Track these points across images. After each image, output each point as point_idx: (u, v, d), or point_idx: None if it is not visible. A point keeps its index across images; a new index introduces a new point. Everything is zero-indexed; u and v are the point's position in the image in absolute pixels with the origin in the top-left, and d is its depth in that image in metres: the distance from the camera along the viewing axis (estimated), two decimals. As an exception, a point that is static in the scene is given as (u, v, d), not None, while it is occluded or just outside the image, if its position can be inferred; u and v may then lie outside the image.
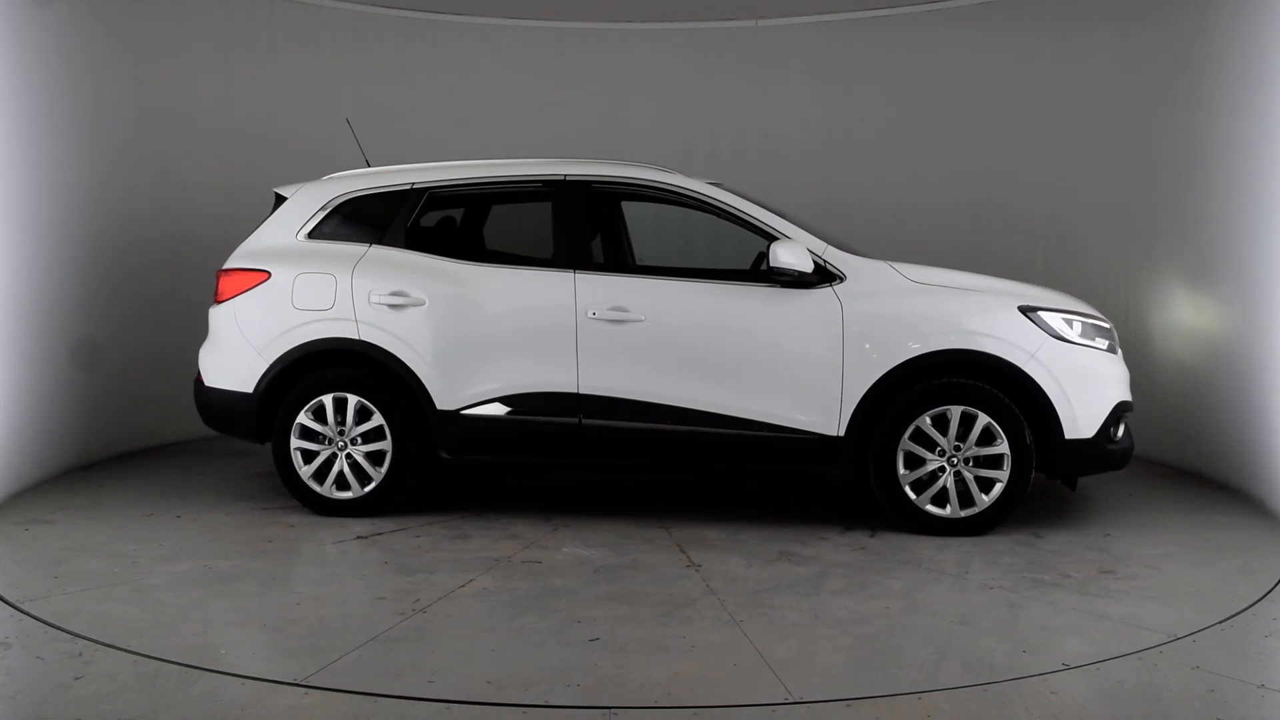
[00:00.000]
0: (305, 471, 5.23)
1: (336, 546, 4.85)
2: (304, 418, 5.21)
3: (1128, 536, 4.93)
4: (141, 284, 6.71)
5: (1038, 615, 3.91)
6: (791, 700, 3.17)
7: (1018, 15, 7.27)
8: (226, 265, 5.47)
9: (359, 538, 4.96)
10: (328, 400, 5.20)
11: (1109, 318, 5.40)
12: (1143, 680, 3.37)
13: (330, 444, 5.23)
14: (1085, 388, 4.82)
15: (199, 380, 5.51)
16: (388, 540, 4.93)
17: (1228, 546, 4.77)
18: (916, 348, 4.79)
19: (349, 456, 5.22)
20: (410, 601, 4.07)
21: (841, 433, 4.86)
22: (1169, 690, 3.30)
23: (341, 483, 5.23)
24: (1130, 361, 6.24)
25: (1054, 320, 4.86)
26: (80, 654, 3.52)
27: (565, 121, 8.21)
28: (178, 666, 3.42)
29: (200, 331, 5.93)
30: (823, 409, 4.86)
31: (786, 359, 4.88)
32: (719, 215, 5.10)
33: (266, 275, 5.30)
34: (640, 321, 4.96)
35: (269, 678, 3.35)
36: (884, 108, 7.79)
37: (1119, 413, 4.93)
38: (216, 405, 5.43)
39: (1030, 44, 7.23)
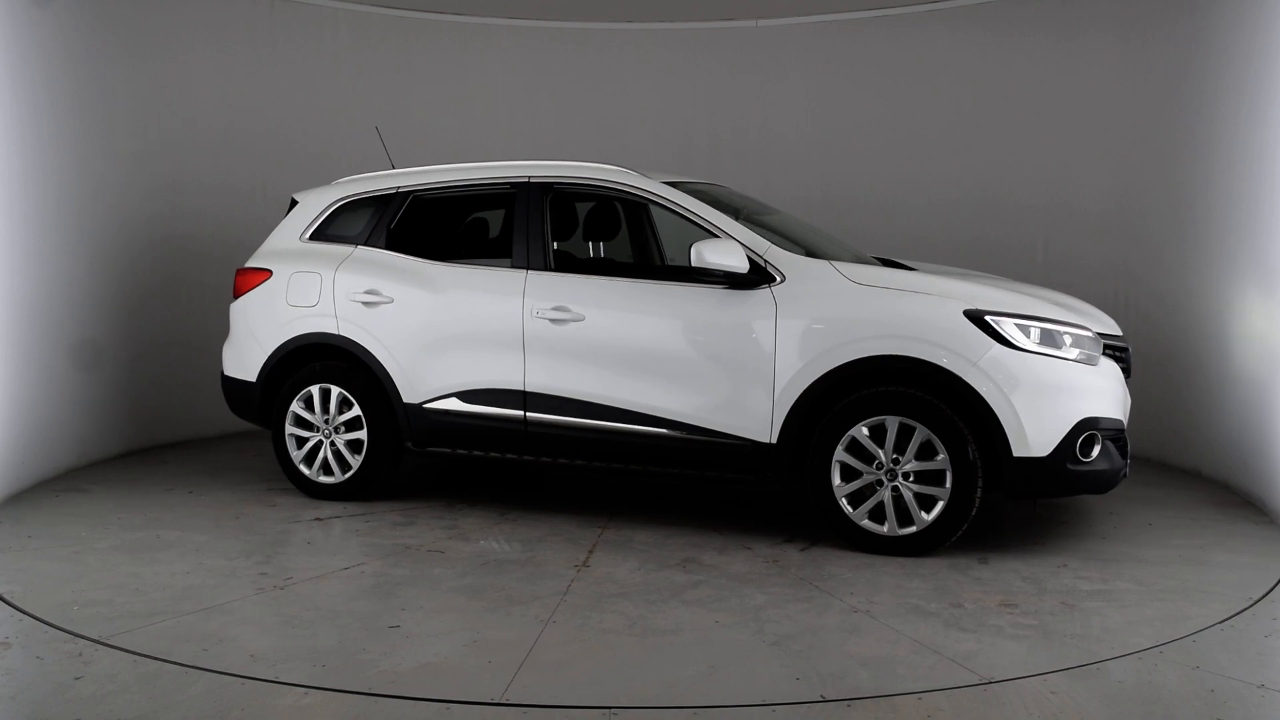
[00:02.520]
0: (297, 456, 5.59)
1: (286, 526, 5.15)
2: (296, 406, 5.57)
3: (1088, 567, 4.48)
4: (141, 283, 6.71)
5: (867, 644, 3.64)
6: (496, 701, 3.19)
7: (1017, 14, 7.27)
8: (244, 265, 5.89)
9: (316, 520, 5.25)
10: (315, 391, 5.54)
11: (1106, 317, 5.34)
12: (1143, 680, 3.37)
13: (318, 431, 5.56)
14: (1037, 401, 4.37)
15: (221, 371, 5.92)
16: (337, 522, 5.22)
17: (1190, 589, 4.19)
18: (851, 352, 4.52)
19: (332, 444, 5.53)
20: (281, 579, 4.34)
21: (774, 440, 4.66)
22: (1169, 690, 3.30)
23: (327, 468, 5.55)
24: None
25: (1004, 325, 4.44)
26: (80, 654, 3.53)
27: (565, 121, 8.22)
28: (177, 666, 3.42)
29: (200, 330, 6.11)
30: (755, 414, 4.67)
31: (720, 360, 4.71)
32: (672, 214, 5.04)
33: (269, 274, 5.69)
34: (580, 320, 4.96)
35: (156, 655, 3.42)
36: (884, 107, 7.79)
37: (1087, 430, 4.44)
38: (232, 393, 5.85)
39: (1030, 43, 7.23)
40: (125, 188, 6.55)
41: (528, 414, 5.08)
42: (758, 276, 4.70)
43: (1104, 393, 4.56)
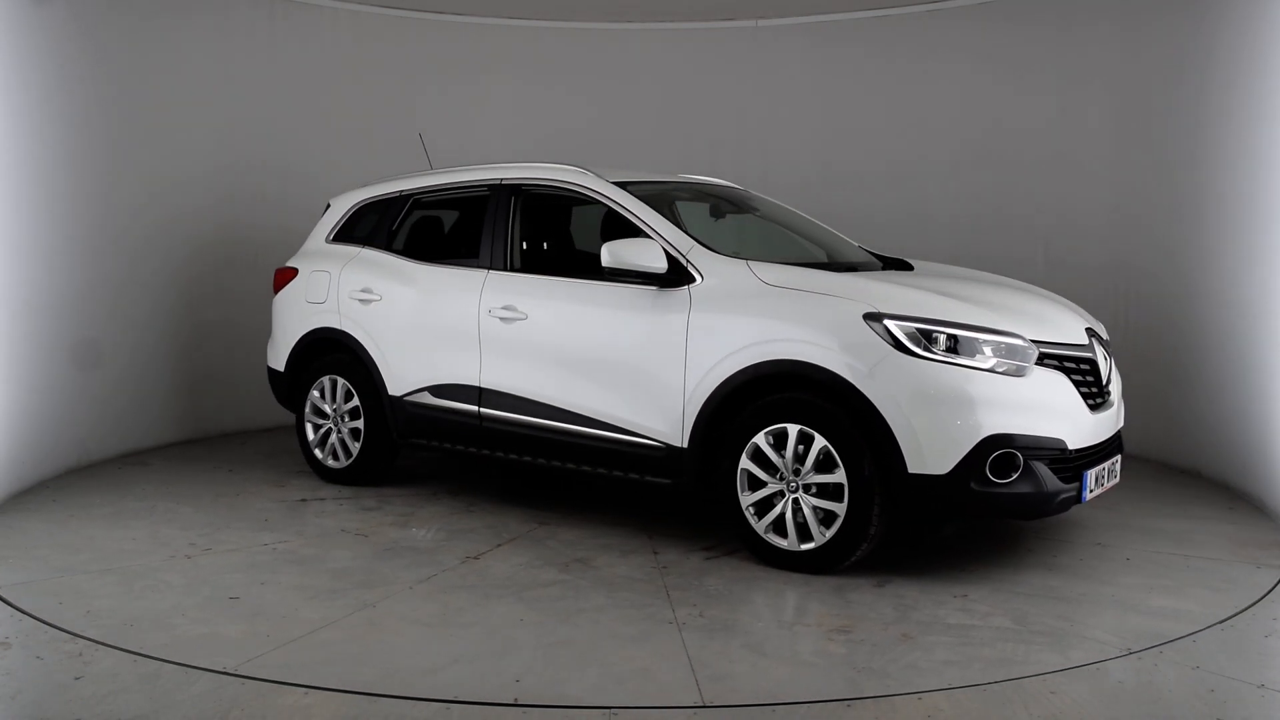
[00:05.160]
0: (312, 440, 5.98)
1: (270, 505, 5.52)
2: (314, 394, 5.96)
3: (989, 599, 4.08)
4: (140, 283, 6.71)
5: (638, 654, 3.54)
6: (229, 672, 3.35)
7: (1018, 14, 7.27)
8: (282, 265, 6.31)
9: (301, 500, 5.62)
10: (326, 381, 5.91)
11: (1098, 317, 5.25)
12: (1143, 680, 3.37)
13: (328, 419, 5.91)
14: (934, 413, 4.01)
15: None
16: (316, 504, 5.55)
17: (1073, 634, 3.74)
18: (754, 355, 4.32)
19: (339, 431, 5.87)
20: (200, 550, 4.70)
21: (685, 444, 4.53)
22: (1169, 690, 3.30)
23: (335, 454, 5.91)
24: (1131, 361, 6.27)
25: (903, 330, 4.10)
26: (80, 654, 3.53)
27: (565, 121, 8.23)
28: (177, 666, 3.42)
29: (200, 329, 6.14)
30: (667, 417, 4.56)
31: (640, 361, 4.64)
32: (617, 214, 4.99)
33: (295, 272, 6.11)
34: (524, 319, 5.03)
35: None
36: (884, 106, 7.79)
37: (1000, 448, 4.02)
38: (271, 381, 6.29)
39: (1030, 43, 7.23)
40: (125, 189, 6.54)
41: (482, 409, 5.20)
42: (679, 276, 4.61)
43: (1031, 407, 4.11)
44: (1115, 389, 4.69)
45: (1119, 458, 4.62)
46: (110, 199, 6.43)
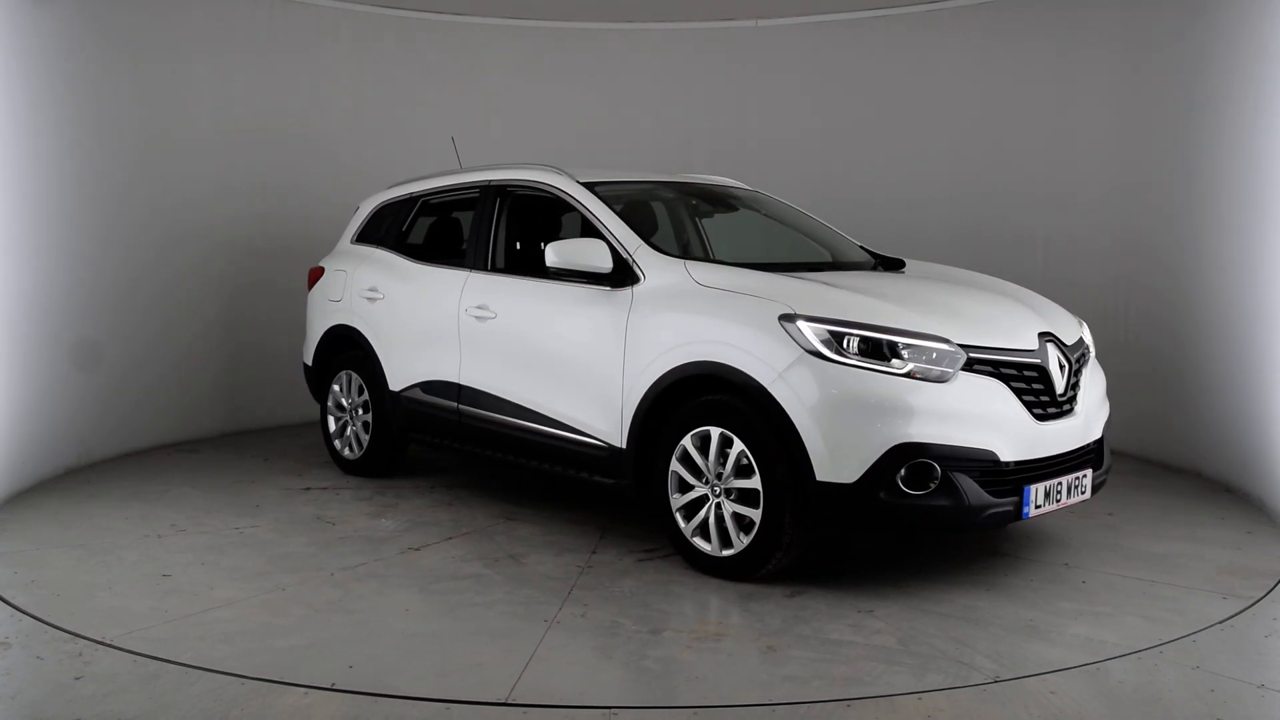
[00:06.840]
0: (333, 433, 6.19)
1: (274, 493, 5.71)
2: (334, 389, 6.16)
3: (893, 618, 3.86)
4: (142, 284, 6.70)
5: (483, 649, 3.56)
6: (104, 642, 3.58)
7: (1017, 14, 7.27)
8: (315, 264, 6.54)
9: (304, 489, 5.81)
10: (344, 376, 6.10)
11: (1097, 317, 5.21)
12: (1143, 680, 3.37)
13: (345, 412, 6.12)
14: (841, 418, 3.86)
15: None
16: (317, 493, 5.73)
17: (947, 658, 3.50)
18: (678, 356, 4.28)
19: (353, 425, 6.07)
20: (176, 532, 4.92)
21: (624, 445, 4.50)
22: (1169, 690, 3.30)
23: (350, 446, 6.10)
24: (1132, 361, 6.26)
25: (813, 332, 3.95)
26: (80, 654, 3.53)
27: (565, 121, 8.23)
28: (178, 666, 3.42)
29: (199, 330, 6.15)
30: (609, 417, 4.54)
31: (588, 360, 4.63)
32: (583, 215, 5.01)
33: (323, 271, 6.35)
34: (494, 319, 5.10)
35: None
36: (884, 107, 7.79)
37: (914, 458, 3.81)
38: (305, 375, 6.49)
39: (1029, 42, 7.23)
40: (126, 191, 6.53)
41: (460, 406, 5.30)
42: (625, 276, 4.58)
43: (955, 415, 3.89)
44: (1087, 399, 4.39)
45: (1090, 472, 4.31)
46: (110, 201, 6.41)
